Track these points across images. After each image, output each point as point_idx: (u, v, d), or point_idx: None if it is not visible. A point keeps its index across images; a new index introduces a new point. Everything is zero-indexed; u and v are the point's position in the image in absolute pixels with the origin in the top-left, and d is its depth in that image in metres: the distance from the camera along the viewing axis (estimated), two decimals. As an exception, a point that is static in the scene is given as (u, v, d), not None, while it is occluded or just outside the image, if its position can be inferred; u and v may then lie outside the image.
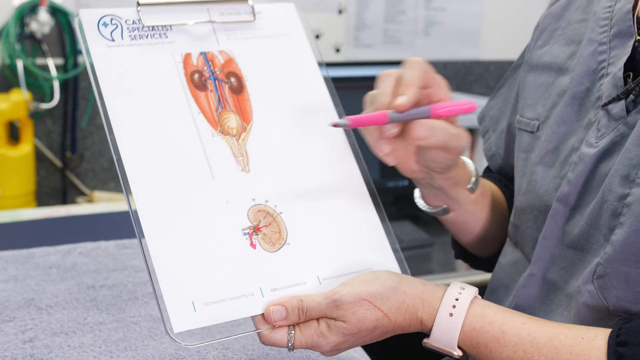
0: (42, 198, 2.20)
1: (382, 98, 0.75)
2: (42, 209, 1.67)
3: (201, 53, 0.81)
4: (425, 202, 0.92)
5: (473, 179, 0.89)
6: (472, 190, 0.90)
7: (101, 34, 0.77)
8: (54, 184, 2.23)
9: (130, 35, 0.78)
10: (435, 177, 0.84)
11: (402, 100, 0.73)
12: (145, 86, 0.76)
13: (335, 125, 0.74)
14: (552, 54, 0.90)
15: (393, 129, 0.76)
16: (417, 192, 0.92)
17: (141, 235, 0.69)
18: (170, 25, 0.80)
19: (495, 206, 0.97)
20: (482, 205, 0.94)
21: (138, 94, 0.75)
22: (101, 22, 0.77)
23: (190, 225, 0.72)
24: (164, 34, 0.79)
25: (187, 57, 0.80)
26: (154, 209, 0.71)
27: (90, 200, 2.22)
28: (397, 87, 0.75)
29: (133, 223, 0.70)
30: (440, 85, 0.77)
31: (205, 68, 0.80)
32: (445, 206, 0.91)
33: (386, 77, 0.75)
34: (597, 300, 0.74)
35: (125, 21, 0.78)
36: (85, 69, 2.14)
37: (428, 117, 0.75)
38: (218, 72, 0.80)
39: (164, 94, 0.77)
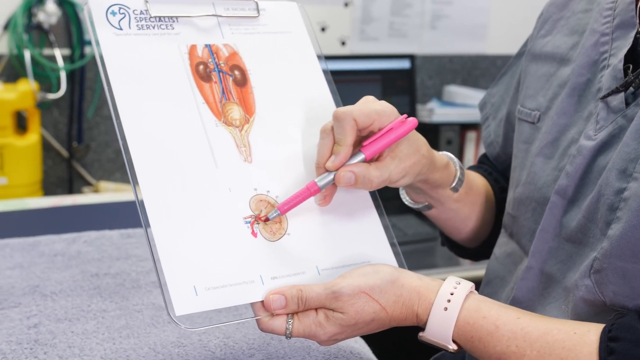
0: (49, 188, 2.22)
1: (319, 159, 0.77)
2: (48, 198, 1.69)
3: (206, 45, 0.82)
4: (409, 197, 0.93)
5: (457, 179, 0.89)
6: (455, 190, 0.90)
7: (109, 22, 0.78)
8: (60, 174, 2.24)
9: (137, 25, 0.79)
10: (412, 182, 0.84)
11: (330, 164, 0.76)
12: (151, 74, 0.77)
13: (266, 220, 0.76)
14: (555, 44, 0.90)
15: (322, 200, 0.78)
16: (401, 187, 0.93)
17: (146, 220, 0.71)
18: (177, 17, 0.81)
19: (481, 202, 0.97)
20: (466, 202, 0.94)
21: (145, 81, 0.77)
22: (109, 10, 0.78)
23: (193, 212, 0.73)
24: (170, 25, 0.81)
25: (193, 48, 0.81)
26: (159, 195, 0.72)
27: (96, 190, 2.23)
28: (332, 143, 0.76)
29: (138, 208, 0.71)
30: (378, 118, 0.76)
31: (210, 60, 0.81)
32: (427, 203, 0.92)
33: (324, 135, 0.77)
34: (594, 295, 0.74)
35: (133, 11, 0.79)
36: (92, 59, 2.16)
37: (364, 160, 0.77)
38: (222, 65, 0.82)
39: (169, 82, 0.78)
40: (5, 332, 0.89)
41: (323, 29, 2.40)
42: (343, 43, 2.44)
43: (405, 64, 2.35)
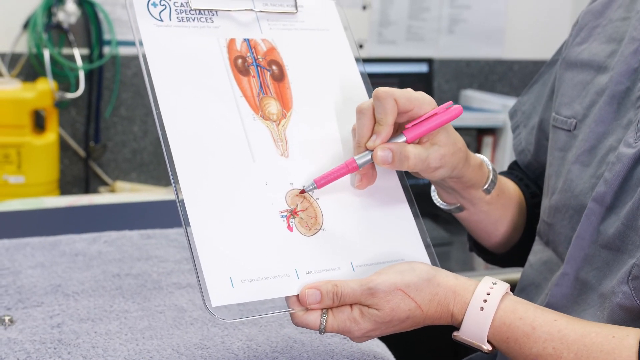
0: (65, 187, 2.22)
1: (359, 138, 0.77)
2: (65, 198, 1.69)
3: (245, 39, 0.82)
4: (441, 198, 0.93)
5: (489, 181, 0.89)
6: (487, 191, 0.89)
7: (150, 14, 0.78)
8: (77, 173, 2.25)
9: (177, 17, 0.80)
10: (446, 179, 0.84)
11: (371, 143, 0.76)
12: (191, 66, 0.78)
13: (302, 192, 0.76)
14: (591, 52, 0.90)
15: (359, 182, 0.78)
16: (433, 188, 0.93)
17: (184, 213, 0.71)
18: (216, 11, 0.82)
19: (512, 206, 0.97)
20: (498, 205, 0.94)
21: (184, 73, 0.77)
22: (151, 2, 0.79)
23: (230, 205, 0.73)
24: (210, 18, 0.81)
25: (232, 42, 0.81)
26: (197, 187, 0.73)
27: (112, 190, 2.23)
28: (372, 122, 0.76)
29: (176, 198, 0.72)
30: (418, 104, 0.76)
31: (248, 54, 0.82)
32: (459, 204, 0.91)
33: (361, 115, 0.76)
34: (631, 301, 0.73)
35: (174, 3, 0.80)
36: (110, 59, 2.17)
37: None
38: (260, 59, 0.82)
39: (208, 75, 0.79)
40: (29, 331, 0.89)
41: (341, 32, 2.40)
42: (360, 46, 2.44)
43: (422, 68, 2.35)
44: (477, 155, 0.89)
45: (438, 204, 0.93)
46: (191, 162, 0.73)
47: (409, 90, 0.77)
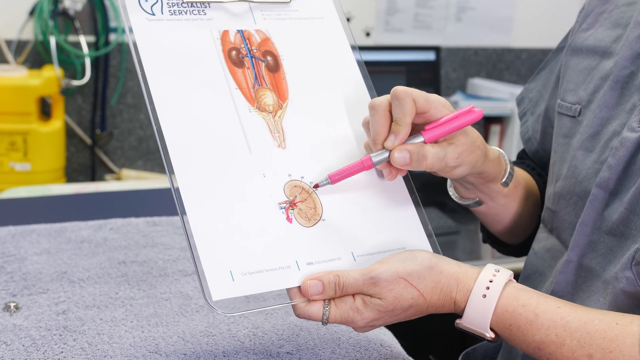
0: (71, 174, 2.22)
1: (376, 137, 0.76)
2: (71, 185, 1.69)
3: (238, 31, 0.82)
4: (458, 194, 0.92)
5: (507, 174, 0.88)
6: (505, 184, 0.89)
7: (142, 8, 0.78)
8: (83, 161, 2.25)
9: (169, 10, 0.79)
10: (466, 175, 0.83)
11: (389, 143, 0.75)
12: (184, 60, 0.77)
13: (316, 187, 0.76)
14: (597, 37, 0.89)
15: (389, 174, 0.77)
16: (449, 183, 0.92)
17: (181, 207, 0.71)
18: (209, 3, 0.81)
19: (527, 197, 0.96)
20: (514, 197, 0.93)
21: (178, 67, 0.77)
22: None
23: (228, 198, 0.73)
24: (202, 10, 0.81)
25: (225, 34, 0.81)
26: (194, 181, 0.72)
27: (118, 178, 2.23)
28: (388, 121, 0.75)
29: (173, 194, 0.71)
30: (435, 106, 0.75)
31: (242, 46, 0.81)
32: (477, 199, 0.91)
33: (375, 112, 0.75)
34: (635, 286, 0.73)
35: None
36: (116, 47, 2.16)
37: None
38: (255, 50, 0.82)
39: (202, 68, 0.78)
40: (34, 318, 0.89)
41: (348, 20, 2.39)
42: (368, 34, 2.42)
43: (430, 56, 2.33)
44: (494, 148, 0.88)
45: (456, 199, 0.92)
46: (188, 158, 0.73)
47: (425, 92, 0.76)
